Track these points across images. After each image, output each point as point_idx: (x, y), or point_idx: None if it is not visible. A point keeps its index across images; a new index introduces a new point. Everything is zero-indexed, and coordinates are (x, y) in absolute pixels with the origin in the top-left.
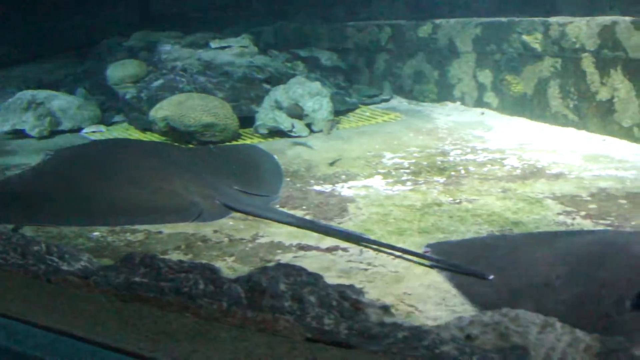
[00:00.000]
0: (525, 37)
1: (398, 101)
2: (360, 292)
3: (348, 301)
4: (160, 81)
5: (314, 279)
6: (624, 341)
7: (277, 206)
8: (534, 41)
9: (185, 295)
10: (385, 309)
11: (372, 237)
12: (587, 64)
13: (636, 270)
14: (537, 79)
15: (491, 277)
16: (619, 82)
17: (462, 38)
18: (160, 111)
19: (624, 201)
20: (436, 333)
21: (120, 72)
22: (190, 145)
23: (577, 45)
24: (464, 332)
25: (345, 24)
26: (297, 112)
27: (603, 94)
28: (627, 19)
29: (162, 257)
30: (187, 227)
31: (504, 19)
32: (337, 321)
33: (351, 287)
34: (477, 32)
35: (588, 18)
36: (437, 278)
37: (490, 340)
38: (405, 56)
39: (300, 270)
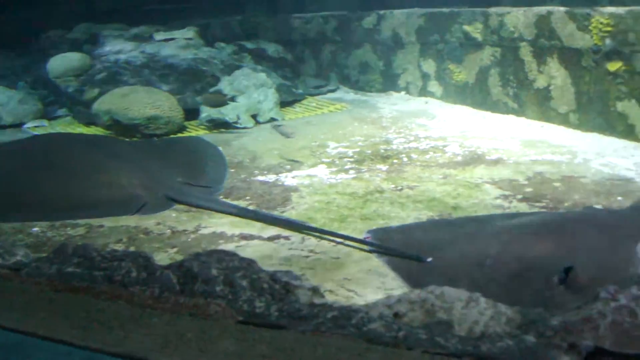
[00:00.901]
0: (466, 27)
1: (344, 92)
2: (292, 275)
3: (279, 284)
4: (103, 74)
5: (247, 264)
6: (543, 312)
7: (221, 197)
8: (475, 31)
9: (117, 283)
10: (315, 290)
11: (314, 225)
12: (525, 52)
13: (564, 248)
14: (478, 67)
15: (429, 259)
16: (555, 70)
17: (406, 28)
18: (104, 104)
19: (558, 184)
20: (365, 312)
21: (63, 65)
22: (135, 139)
23: (516, 35)
24: (392, 310)
25: (291, 15)
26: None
27: (540, 82)
28: (562, 9)
29: (95, 246)
30: (129, 220)
31: (445, 10)
32: (268, 304)
33: (283, 271)
34: (420, 23)
35: (525, 8)
36: (376, 263)
37: (418, 317)
38: (350, 47)
39: (233, 255)
